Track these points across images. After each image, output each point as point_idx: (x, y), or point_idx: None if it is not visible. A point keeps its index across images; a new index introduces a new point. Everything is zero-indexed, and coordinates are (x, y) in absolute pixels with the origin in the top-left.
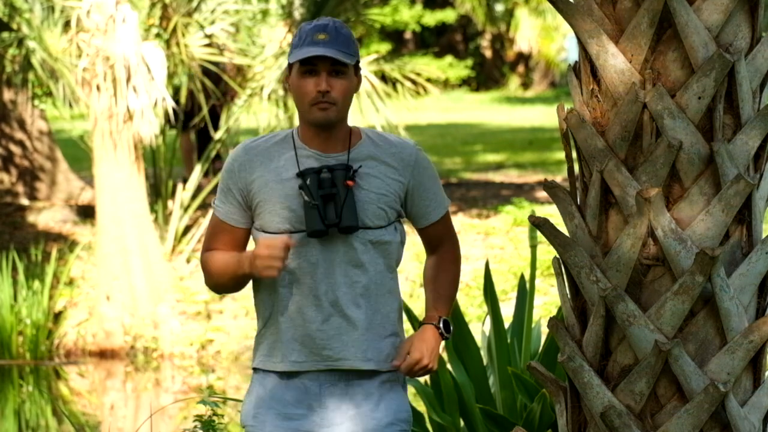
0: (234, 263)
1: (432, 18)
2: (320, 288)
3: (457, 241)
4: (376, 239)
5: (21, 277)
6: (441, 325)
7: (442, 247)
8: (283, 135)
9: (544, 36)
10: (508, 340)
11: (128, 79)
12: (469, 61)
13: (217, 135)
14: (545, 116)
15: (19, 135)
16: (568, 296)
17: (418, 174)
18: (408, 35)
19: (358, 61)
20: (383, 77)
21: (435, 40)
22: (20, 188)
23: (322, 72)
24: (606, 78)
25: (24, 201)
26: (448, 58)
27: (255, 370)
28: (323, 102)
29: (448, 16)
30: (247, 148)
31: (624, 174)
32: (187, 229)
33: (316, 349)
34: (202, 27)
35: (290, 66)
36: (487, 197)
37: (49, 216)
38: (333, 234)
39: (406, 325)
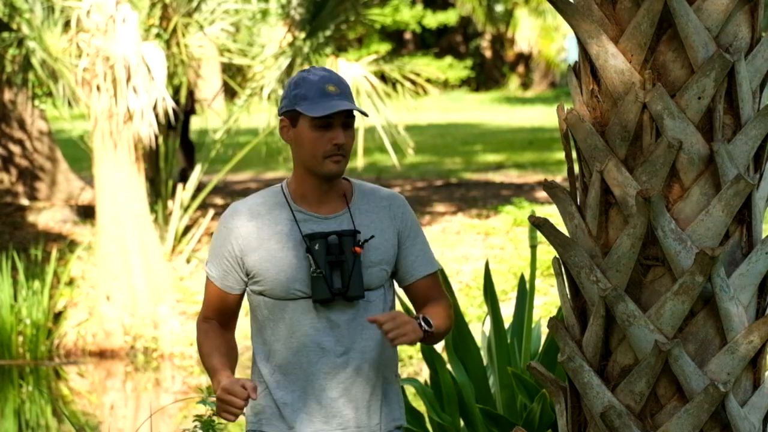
0: (212, 372)
1: (433, 19)
2: (328, 350)
3: (451, 304)
4: (376, 298)
5: (21, 277)
6: (421, 320)
7: (436, 301)
8: (272, 193)
9: (544, 36)
10: (508, 340)
11: (128, 79)
12: (469, 62)
13: (217, 135)
14: (545, 116)
15: (19, 135)
16: (568, 296)
17: (406, 227)
18: (408, 35)
19: None
20: (383, 77)
21: (435, 41)
22: (20, 188)
23: (337, 125)
24: (606, 78)
25: (24, 201)
26: (448, 59)
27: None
28: (338, 154)
29: (450, 17)
30: (239, 212)
31: (624, 174)
32: (187, 229)
33: (327, 416)
34: (201, 27)
35: (293, 115)
36: (487, 197)
37: (49, 216)
38: (338, 300)
39: None
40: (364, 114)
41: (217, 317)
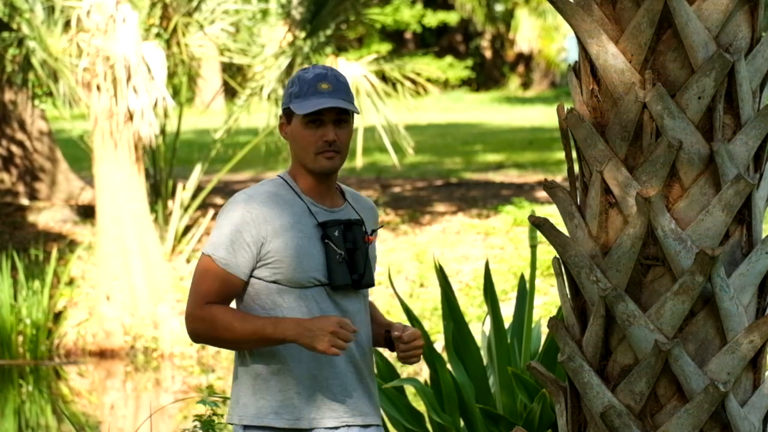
0: (262, 325)
1: (434, 18)
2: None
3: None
4: (368, 293)
5: (21, 277)
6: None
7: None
8: (278, 184)
9: (544, 36)
10: (508, 340)
11: (128, 79)
12: (470, 62)
13: (217, 135)
14: (545, 116)
15: (19, 135)
16: (568, 296)
17: (375, 235)
18: (408, 35)
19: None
20: (383, 77)
21: (435, 41)
22: (20, 188)
23: (328, 122)
24: (606, 78)
25: (24, 201)
26: (449, 59)
27: (247, 427)
28: (330, 151)
29: (450, 17)
30: (255, 198)
31: (624, 174)
32: (187, 229)
33: (332, 405)
34: (201, 27)
35: (288, 113)
36: (487, 197)
37: (49, 216)
38: (349, 288)
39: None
40: (355, 111)
41: (219, 302)
